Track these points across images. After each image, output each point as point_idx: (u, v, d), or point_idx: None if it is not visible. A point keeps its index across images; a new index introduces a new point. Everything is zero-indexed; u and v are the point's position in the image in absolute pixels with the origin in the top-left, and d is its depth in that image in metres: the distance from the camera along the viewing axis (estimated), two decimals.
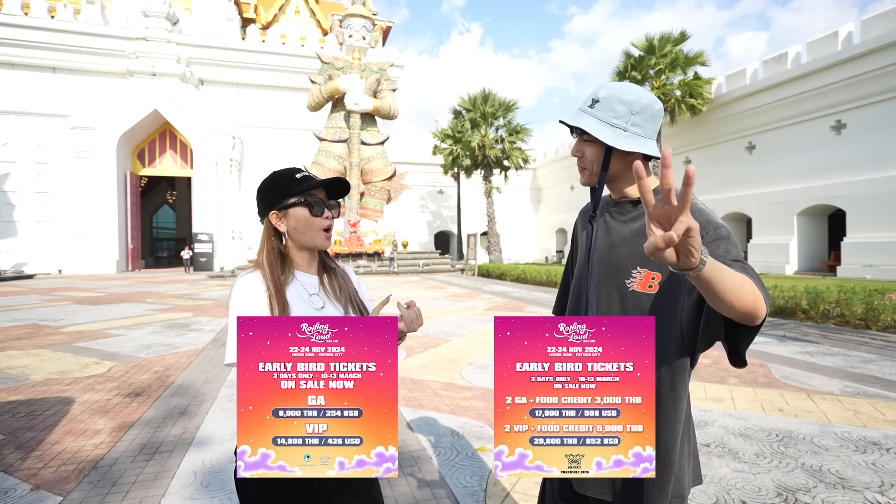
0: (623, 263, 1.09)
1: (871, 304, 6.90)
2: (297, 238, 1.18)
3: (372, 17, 21.76)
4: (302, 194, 1.16)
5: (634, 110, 1.04)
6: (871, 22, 14.52)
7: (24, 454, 2.84)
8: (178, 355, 5.54)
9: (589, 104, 1.08)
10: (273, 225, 1.18)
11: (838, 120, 15.76)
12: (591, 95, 1.09)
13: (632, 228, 1.10)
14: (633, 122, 1.05)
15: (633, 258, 1.08)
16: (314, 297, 1.19)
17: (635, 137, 1.05)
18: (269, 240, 1.18)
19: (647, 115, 1.06)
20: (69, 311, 9.43)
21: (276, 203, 1.17)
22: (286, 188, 1.16)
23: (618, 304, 1.09)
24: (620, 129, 1.04)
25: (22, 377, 4.61)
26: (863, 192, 14.82)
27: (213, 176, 24.88)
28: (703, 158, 21.06)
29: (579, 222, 1.29)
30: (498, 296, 12.06)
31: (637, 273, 1.07)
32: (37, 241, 23.52)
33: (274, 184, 1.17)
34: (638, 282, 1.07)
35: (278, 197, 1.16)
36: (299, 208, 1.16)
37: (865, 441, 2.91)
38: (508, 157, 24.30)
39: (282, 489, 1.08)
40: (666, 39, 18.28)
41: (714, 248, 0.97)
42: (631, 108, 1.04)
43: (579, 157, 1.12)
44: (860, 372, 4.54)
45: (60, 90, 23.96)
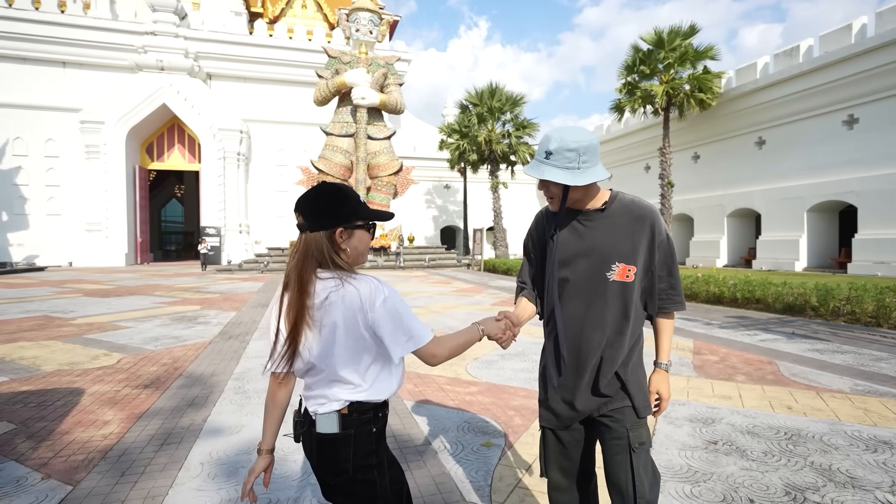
0: (603, 259, 1.42)
1: (882, 301, 6.81)
2: (353, 257, 1.24)
3: (379, 11, 21.68)
4: (366, 219, 1.25)
5: (581, 153, 1.34)
6: (886, 14, 14.24)
7: (34, 444, 2.88)
8: (186, 348, 5.59)
9: (544, 157, 1.36)
10: (335, 239, 1.20)
11: (851, 115, 15.51)
12: (543, 148, 1.37)
13: (603, 231, 1.43)
14: (582, 161, 1.34)
15: (611, 254, 1.41)
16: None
17: (587, 170, 1.35)
18: (337, 252, 1.21)
19: (591, 152, 1.35)
20: (79, 303, 9.54)
21: (346, 221, 1.21)
22: (357, 210, 1.23)
23: (602, 291, 1.43)
24: (575, 168, 1.34)
25: (33, 368, 4.67)
26: (875, 188, 14.61)
27: (221, 170, 24.99)
28: (711, 153, 20.84)
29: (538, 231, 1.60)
30: (504, 291, 12.04)
31: (616, 266, 1.41)
32: (48, 234, 23.80)
33: (347, 202, 1.22)
34: (617, 273, 1.41)
35: (350, 216, 1.21)
36: (363, 231, 1.25)
37: (876, 440, 2.87)
38: (515, 153, 24.16)
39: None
40: (675, 33, 18.04)
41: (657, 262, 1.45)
42: (578, 152, 1.33)
43: (545, 190, 1.42)
44: (871, 370, 4.48)
45: (70, 85, 24.14)
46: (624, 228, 1.42)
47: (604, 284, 1.42)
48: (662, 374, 1.52)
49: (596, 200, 1.45)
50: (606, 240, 1.41)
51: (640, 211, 1.43)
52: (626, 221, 1.42)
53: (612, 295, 1.42)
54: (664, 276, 1.47)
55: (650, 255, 1.43)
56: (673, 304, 1.50)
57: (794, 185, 17.13)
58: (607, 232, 1.42)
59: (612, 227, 1.42)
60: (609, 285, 1.41)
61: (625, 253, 1.41)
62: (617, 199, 1.45)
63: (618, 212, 1.43)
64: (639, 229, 1.42)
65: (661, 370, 1.53)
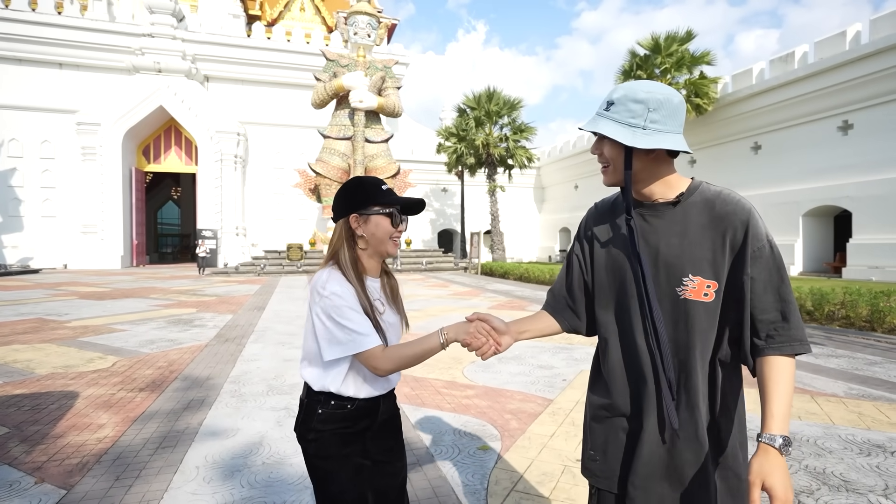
0: (672, 270, 1.04)
1: (876, 305, 6.85)
2: (372, 243, 1.26)
3: (377, 14, 21.74)
4: (385, 205, 1.24)
5: (651, 107, 1.01)
6: (879, 21, 14.38)
7: (28, 447, 2.86)
8: (182, 351, 5.56)
9: (604, 108, 1.06)
10: (351, 226, 1.25)
11: (845, 120, 15.63)
12: (606, 99, 1.07)
13: (675, 231, 1.05)
14: (650, 120, 1.01)
15: (682, 264, 1.03)
16: (377, 302, 1.27)
17: (655, 134, 1.01)
18: (347, 240, 1.26)
19: (667, 111, 1.01)
20: (74, 306, 9.49)
21: (359, 207, 1.24)
22: (373, 196, 1.23)
23: (668, 314, 1.04)
24: (639, 128, 1.01)
25: (27, 371, 4.64)
26: (869, 193, 14.71)
27: (218, 172, 24.94)
28: (708, 158, 20.95)
29: (597, 225, 1.20)
30: (501, 294, 12.05)
31: (689, 280, 1.02)
32: (43, 236, 23.66)
33: (362, 189, 1.24)
34: (690, 290, 1.02)
35: (364, 202, 1.23)
36: (381, 217, 1.24)
37: (870, 444, 2.89)
38: (513, 156, 24.23)
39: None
40: (672, 38, 18.18)
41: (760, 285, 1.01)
42: (647, 105, 1.01)
43: (598, 154, 1.09)
44: (865, 374, 4.51)
45: (67, 86, 24.06)
46: (702, 229, 1.04)
47: (674, 304, 1.04)
48: (771, 454, 0.90)
49: (668, 190, 1.08)
50: (676, 243, 1.05)
51: (726, 207, 1.04)
52: (707, 220, 1.04)
53: (680, 320, 1.03)
54: (770, 302, 1.00)
55: (740, 268, 1.01)
56: (787, 344, 0.98)
57: (789, 190, 17.24)
58: (677, 232, 1.05)
59: (686, 227, 1.05)
60: (681, 306, 1.03)
61: (701, 262, 1.02)
62: (698, 190, 1.08)
63: (696, 207, 1.06)
64: (724, 232, 1.03)
65: (767, 447, 0.91)
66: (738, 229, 1.02)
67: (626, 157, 1.05)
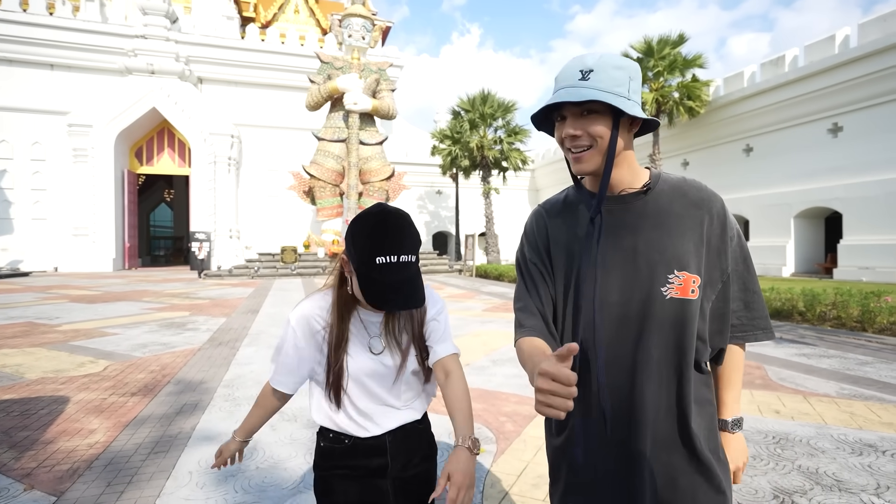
0: (655, 268, 0.93)
1: (867, 306, 6.93)
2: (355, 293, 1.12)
3: (371, 16, 21.73)
4: (367, 278, 1.05)
5: (631, 75, 0.91)
6: (868, 25, 14.57)
7: (18, 453, 2.82)
8: (175, 354, 5.52)
9: (581, 77, 0.90)
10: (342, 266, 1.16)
11: (835, 123, 15.81)
12: (577, 67, 0.91)
13: (650, 224, 0.95)
14: (632, 90, 0.91)
15: (666, 260, 0.93)
16: (374, 341, 1.16)
17: (636, 106, 0.91)
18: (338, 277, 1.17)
19: (638, 81, 0.93)
20: (65, 310, 9.39)
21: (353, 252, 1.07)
22: (366, 259, 1.03)
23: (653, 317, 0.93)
24: (624, 97, 0.89)
25: (16, 376, 4.58)
26: (859, 194, 14.88)
27: (212, 175, 24.80)
28: (700, 160, 21.10)
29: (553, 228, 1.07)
30: (496, 297, 12.06)
31: (675, 277, 0.92)
32: (33, 239, 23.41)
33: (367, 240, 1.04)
34: (677, 287, 0.92)
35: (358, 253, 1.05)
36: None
37: (861, 443, 2.91)
38: (507, 159, 24.30)
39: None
40: (664, 42, 18.31)
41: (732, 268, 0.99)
42: (628, 73, 0.91)
43: (577, 135, 0.92)
44: (856, 374, 4.55)
45: (58, 87, 23.85)
46: (678, 219, 0.95)
47: (657, 305, 0.93)
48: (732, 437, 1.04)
49: (635, 178, 0.98)
50: (655, 237, 0.95)
51: (700, 193, 0.98)
52: (681, 209, 0.96)
53: (667, 321, 0.93)
54: (735, 292, 0.99)
55: (719, 259, 0.96)
56: (751, 333, 1.00)
57: (781, 192, 17.40)
58: (653, 225, 0.95)
59: (660, 219, 0.96)
60: (664, 306, 0.93)
61: (685, 256, 0.93)
62: (661, 178, 1.00)
63: (666, 195, 0.97)
64: (700, 220, 0.95)
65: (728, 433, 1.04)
66: (714, 217, 0.96)
67: (613, 135, 0.91)
